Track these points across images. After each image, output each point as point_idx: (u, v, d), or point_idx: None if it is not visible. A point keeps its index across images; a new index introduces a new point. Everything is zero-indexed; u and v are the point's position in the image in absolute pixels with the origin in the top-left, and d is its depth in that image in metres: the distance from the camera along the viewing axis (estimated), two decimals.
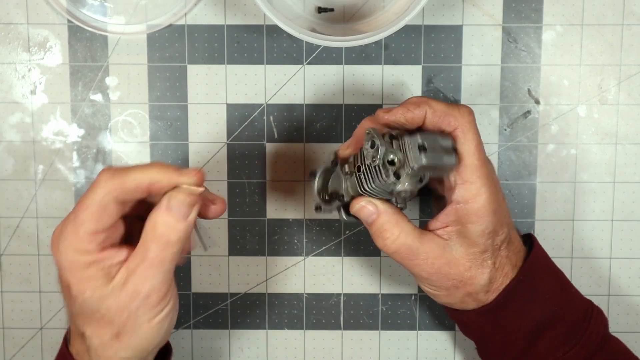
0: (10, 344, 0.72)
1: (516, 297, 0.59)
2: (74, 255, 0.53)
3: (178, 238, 0.53)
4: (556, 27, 0.68)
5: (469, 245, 0.57)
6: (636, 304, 0.71)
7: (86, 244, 0.52)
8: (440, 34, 0.68)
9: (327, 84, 0.69)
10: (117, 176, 0.53)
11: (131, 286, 0.53)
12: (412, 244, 0.57)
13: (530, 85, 0.69)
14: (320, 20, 0.67)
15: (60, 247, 0.53)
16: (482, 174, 0.56)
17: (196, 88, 0.69)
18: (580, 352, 0.59)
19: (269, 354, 0.72)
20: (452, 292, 0.59)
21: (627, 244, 0.70)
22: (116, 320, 0.53)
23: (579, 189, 0.69)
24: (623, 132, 0.69)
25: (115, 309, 0.53)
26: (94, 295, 0.53)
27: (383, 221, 0.57)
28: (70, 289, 0.53)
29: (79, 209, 0.53)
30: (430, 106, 0.56)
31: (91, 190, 0.53)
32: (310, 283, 0.71)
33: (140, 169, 0.53)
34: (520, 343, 0.60)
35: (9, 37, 0.69)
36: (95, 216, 0.52)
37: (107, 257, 0.53)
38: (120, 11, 0.68)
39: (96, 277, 0.53)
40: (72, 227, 0.53)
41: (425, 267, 0.58)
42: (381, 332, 0.71)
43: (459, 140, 0.56)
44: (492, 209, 0.57)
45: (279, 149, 0.69)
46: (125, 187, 0.52)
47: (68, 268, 0.53)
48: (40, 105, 0.69)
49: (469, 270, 0.58)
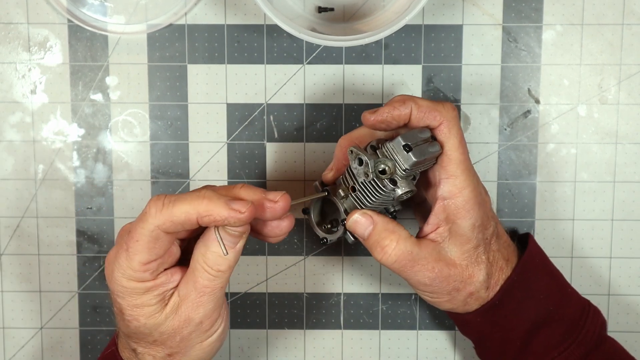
0: (10, 344, 0.72)
1: (513, 296, 0.59)
2: (128, 283, 0.53)
3: (228, 267, 0.53)
4: (556, 26, 0.68)
5: (462, 242, 0.57)
6: (636, 304, 0.71)
7: (140, 274, 0.52)
8: (440, 33, 0.68)
9: (327, 84, 0.69)
10: (166, 209, 0.51)
11: (184, 313, 0.53)
12: (411, 250, 0.57)
13: (530, 85, 0.69)
14: (321, 20, 0.67)
15: (114, 274, 0.53)
16: (466, 167, 0.57)
17: (196, 88, 0.69)
18: (575, 351, 0.59)
19: (269, 353, 0.72)
20: (454, 295, 0.59)
21: (627, 243, 0.70)
22: (169, 343, 0.54)
23: (579, 188, 0.69)
24: (623, 131, 0.69)
25: (169, 334, 0.54)
26: (148, 323, 0.53)
27: (380, 230, 0.57)
28: (123, 313, 0.54)
29: (130, 240, 0.52)
30: (416, 102, 0.57)
31: (141, 221, 0.52)
32: (310, 283, 0.71)
33: (189, 200, 0.51)
34: (517, 342, 0.60)
35: (9, 36, 0.69)
36: (146, 248, 0.52)
37: (161, 284, 0.53)
38: (120, 11, 0.68)
39: (150, 304, 0.53)
40: (125, 257, 0.52)
41: (425, 273, 0.57)
42: (381, 331, 0.71)
43: (444, 135, 0.57)
44: (478, 202, 0.57)
45: (279, 149, 0.69)
46: (174, 220, 0.51)
47: (121, 294, 0.53)
48: (41, 105, 0.69)
49: (466, 269, 0.58)
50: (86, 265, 0.71)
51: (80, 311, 0.71)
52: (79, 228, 0.70)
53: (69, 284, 0.71)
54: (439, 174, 0.58)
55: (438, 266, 0.57)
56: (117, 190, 0.70)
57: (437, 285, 0.58)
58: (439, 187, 0.57)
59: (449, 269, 0.58)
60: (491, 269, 0.59)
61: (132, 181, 0.70)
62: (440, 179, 0.57)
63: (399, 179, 0.56)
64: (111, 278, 0.53)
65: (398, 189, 0.56)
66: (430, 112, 0.57)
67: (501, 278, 0.59)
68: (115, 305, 0.55)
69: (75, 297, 0.71)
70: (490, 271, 0.59)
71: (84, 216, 0.70)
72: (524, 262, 0.60)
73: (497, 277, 0.59)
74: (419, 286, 0.59)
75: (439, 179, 0.57)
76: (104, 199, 0.70)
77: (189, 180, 0.70)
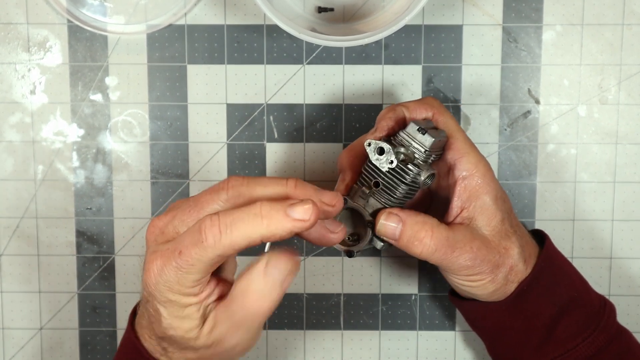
0: (10, 344, 0.72)
1: (540, 281, 0.59)
2: (175, 297, 0.50)
3: (271, 307, 0.49)
4: (556, 26, 0.68)
5: (489, 218, 0.58)
6: (636, 304, 0.71)
7: (189, 290, 0.50)
8: (440, 33, 0.68)
9: (327, 84, 0.69)
10: (225, 237, 0.48)
11: (218, 337, 0.51)
12: (447, 235, 0.57)
13: (531, 85, 0.69)
14: (320, 20, 0.67)
15: (159, 286, 0.50)
16: (471, 144, 0.59)
17: (196, 88, 0.69)
18: (598, 338, 0.59)
19: (269, 354, 0.72)
20: (496, 273, 0.58)
21: (627, 244, 0.70)
22: (200, 354, 0.52)
23: (579, 188, 0.69)
24: (623, 132, 0.69)
25: (201, 349, 0.52)
26: (185, 336, 0.51)
27: (411, 225, 0.57)
28: (161, 318, 0.51)
29: (183, 262, 0.49)
30: (403, 105, 0.59)
31: (198, 248, 0.48)
32: (310, 283, 0.71)
33: (247, 221, 0.48)
34: (542, 329, 0.60)
35: (9, 37, 0.69)
36: (200, 271, 0.49)
37: (204, 298, 0.51)
38: (120, 11, 0.68)
39: (191, 318, 0.51)
40: (175, 274, 0.49)
41: (465, 255, 0.57)
42: (381, 332, 0.71)
43: (441, 121, 0.59)
44: (492, 175, 0.59)
45: (279, 149, 0.69)
46: (235, 248, 0.48)
47: (164, 305, 0.51)
48: (40, 105, 0.69)
49: (500, 243, 0.58)
50: (86, 266, 0.71)
51: (80, 312, 0.71)
52: (79, 229, 0.70)
53: (69, 284, 0.71)
54: (451, 156, 0.58)
55: (475, 245, 0.57)
56: (116, 191, 0.70)
57: (478, 266, 0.57)
58: (455, 169, 0.58)
59: (485, 245, 0.58)
60: (521, 240, 0.59)
61: (131, 181, 0.70)
62: (454, 160, 0.58)
63: (420, 162, 0.57)
64: (155, 288, 0.50)
65: (422, 173, 0.56)
66: (420, 107, 0.59)
67: (532, 252, 0.60)
68: (153, 308, 0.52)
69: (75, 297, 0.71)
70: (522, 243, 0.59)
71: (83, 217, 0.70)
72: (547, 247, 0.61)
73: (529, 250, 0.60)
74: (461, 271, 0.58)
75: (453, 161, 0.58)
76: (103, 199, 0.70)
77: (188, 180, 0.70)
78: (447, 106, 0.69)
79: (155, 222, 0.53)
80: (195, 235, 0.48)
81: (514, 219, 0.60)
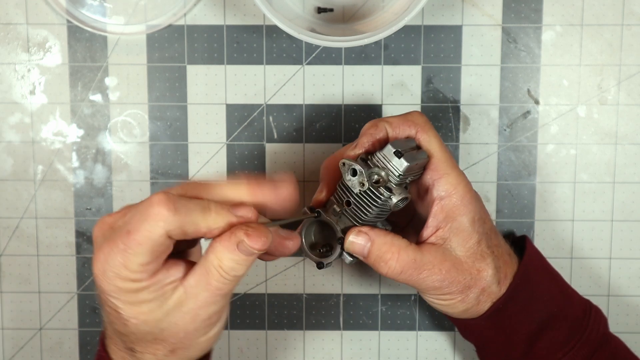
0: (9, 345, 0.72)
1: (518, 297, 0.59)
2: (123, 284, 0.50)
3: (245, 271, 0.51)
4: (556, 27, 0.68)
5: (465, 239, 0.57)
6: (636, 304, 0.71)
7: (138, 274, 0.49)
8: (440, 34, 0.68)
9: (327, 84, 0.69)
10: (177, 217, 0.48)
11: (191, 310, 0.51)
12: (414, 257, 0.57)
13: (530, 86, 0.68)
14: (320, 20, 0.67)
15: (106, 274, 0.49)
16: (454, 165, 0.58)
17: (196, 88, 0.69)
18: (581, 351, 0.59)
19: (269, 354, 0.72)
20: (467, 294, 0.58)
21: (627, 244, 0.70)
22: (171, 340, 0.52)
23: (579, 189, 0.69)
24: (623, 132, 0.69)
25: (171, 331, 0.51)
26: (149, 319, 0.51)
27: (379, 245, 0.57)
28: (119, 313, 0.51)
29: (130, 241, 0.48)
30: (387, 121, 0.59)
31: (145, 223, 0.48)
32: (310, 283, 0.71)
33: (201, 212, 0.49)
34: (521, 344, 0.60)
35: (9, 37, 0.69)
36: (148, 251, 0.49)
37: (159, 280, 0.50)
38: (119, 11, 0.68)
39: (149, 300, 0.50)
40: (121, 258, 0.49)
41: (433, 277, 0.57)
42: (381, 332, 0.71)
43: (424, 139, 0.58)
44: (473, 196, 0.58)
45: (279, 149, 0.69)
46: (184, 230, 0.49)
47: (115, 294, 0.50)
48: (40, 106, 0.69)
49: (473, 265, 0.58)
50: (85, 266, 0.71)
51: (80, 312, 0.71)
52: (78, 229, 0.70)
53: (68, 284, 0.71)
54: (430, 176, 0.58)
55: (445, 267, 0.57)
56: (116, 191, 0.70)
57: (447, 287, 0.58)
58: (433, 188, 0.58)
59: (456, 267, 0.57)
60: (498, 261, 0.59)
61: (131, 182, 0.70)
62: (433, 180, 0.58)
63: (393, 186, 0.56)
64: (103, 277, 0.50)
65: (394, 197, 0.56)
66: (403, 124, 0.59)
67: (509, 272, 0.59)
68: (108, 305, 0.51)
69: (75, 297, 0.71)
70: (498, 264, 0.59)
71: (83, 217, 0.70)
72: (525, 263, 0.60)
73: (505, 270, 0.59)
74: (430, 291, 0.58)
75: (432, 181, 0.58)
76: (103, 199, 0.70)
77: (188, 181, 0.70)
78: (447, 106, 0.69)
79: (104, 219, 0.52)
80: (147, 209, 0.48)
81: (494, 239, 0.59)
